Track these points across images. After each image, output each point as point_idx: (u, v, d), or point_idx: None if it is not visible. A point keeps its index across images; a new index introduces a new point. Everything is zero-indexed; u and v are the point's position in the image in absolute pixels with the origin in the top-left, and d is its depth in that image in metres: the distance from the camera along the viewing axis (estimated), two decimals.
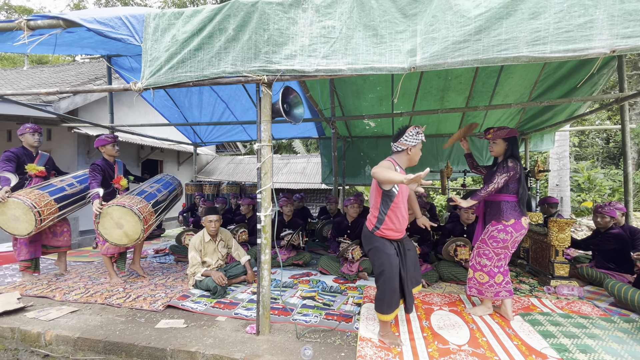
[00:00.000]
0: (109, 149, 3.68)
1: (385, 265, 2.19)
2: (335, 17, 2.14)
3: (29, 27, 2.59)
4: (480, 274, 2.66)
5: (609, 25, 1.79)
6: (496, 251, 2.58)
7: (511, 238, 2.53)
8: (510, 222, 2.53)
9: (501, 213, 2.58)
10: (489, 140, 2.73)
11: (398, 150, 2.31)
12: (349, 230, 4.27)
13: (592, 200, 9.57)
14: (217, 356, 2.14)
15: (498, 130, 2.66)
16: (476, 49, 1.93)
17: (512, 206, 2.57)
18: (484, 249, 2.64)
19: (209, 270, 3.34)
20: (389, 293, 2.18)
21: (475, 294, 2.72)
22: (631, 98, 3.91)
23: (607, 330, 2.44)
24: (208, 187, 7.15)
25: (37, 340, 2.48)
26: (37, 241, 3.67)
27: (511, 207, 2.57)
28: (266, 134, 2.39)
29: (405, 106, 5.54)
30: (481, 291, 2.67)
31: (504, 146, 2.66)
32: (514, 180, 2.58)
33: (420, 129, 2.26)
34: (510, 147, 2.64)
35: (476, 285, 2.69)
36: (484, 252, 2.63)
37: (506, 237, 2.54)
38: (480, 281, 2.66)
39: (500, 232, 2.55)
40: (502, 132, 2.65)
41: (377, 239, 2.28)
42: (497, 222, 2.58)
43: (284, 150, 18.09)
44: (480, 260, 2.66)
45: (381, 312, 2.22)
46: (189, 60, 2.36)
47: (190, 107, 6.24)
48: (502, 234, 2.54)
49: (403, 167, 2.30)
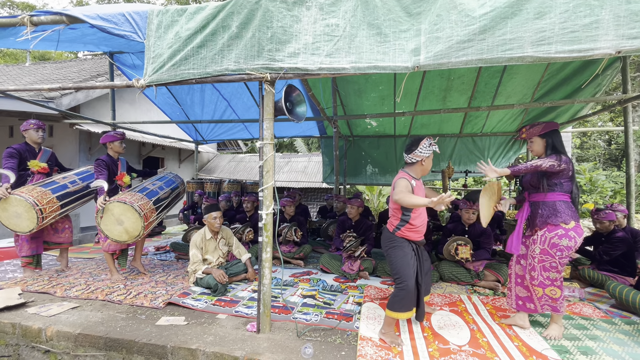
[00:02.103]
0: (116, 146, 3.69)
1: (404, 264, 2.22)
2: (339, 15, 2.13)
3: (32, 22, 2.58)
4: (552, 289, 2.31)
5: (615, 25, 1.78)
6: (562, 261, 2.25)
7: (575, 244, 2.21)
8: (571, 224, 2.22)
9: (558, 214, 2.24)
10: (524, 139, 2.51)
11: (412, 162, 2.32)
12: (352, 229, 4.27)
13: (593, 202, 9.55)
14: (217, 354, 2.14)
15: (531, 128, 2.40)
16: (480, 48, 1.93)
17: (569, 206, 2.27)
18: (550, 261, 2.27)
19: (210, 268, 3.34)
20: (406, 292, 2.19)
21: (549, 311, 2.37)
22: (635, 100, 3.89)
23: (608, 332, 2.43)
24: (209, 185, 7.15)
25: (38, 336, 2.49)
26: (38, 237, 3.67)
27: (568, 207, 2.26)
28: (269, 132, 2.38)
29: (408, 106, 5.53)
30: (555, 308, 2.32)
31: (543, 143, 2.38)
32: (566, 178, 2.28)
33: (433, 140, 2.29)
34: (552, 143, 2.34)
35: (549, 302, 2.34)
36: (551, 264, 2.26)
37: (569, 243, 2.20)
38: (553, 297, 2.31)
39: (562, 239, 2.21)
40: (537, 128, 2.38)
41: (398, 239, 2.31)
42: (555, 226, 2.25)
43: (285, 149, 18.10)
44: (549, 275, 2.29)
45: (392, 310, 2.23)
46: (192, 57, 2.36)
47: (192, 105, 6.23)
48: (565, 240, 2.21)
49: (417, 177, 2.33)
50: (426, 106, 5.50)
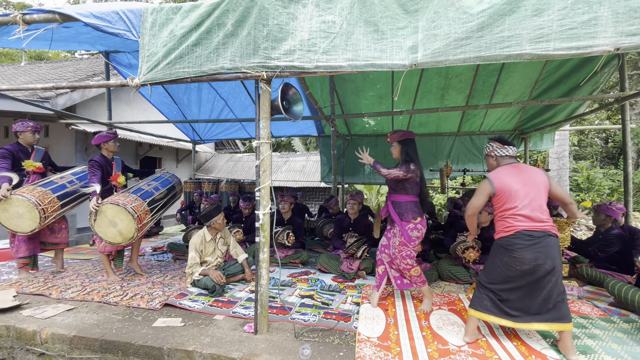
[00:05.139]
0: (111, 145, 3.65)
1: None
2: (335, 12, 2.11)
3: (25, 21, 2.55)
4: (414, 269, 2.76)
5: (614, 22, 1.76)
6: (415, 249, 2.74)
7: (421, 234, 2.71)
8: (418, 220, 2.69)
9: (409, 212, 2.70)
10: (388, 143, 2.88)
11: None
12: (351, 228, 4.26)
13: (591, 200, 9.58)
14: (214, 355, 2.12)
15: (394, 134, 2.82)
16: (478, 46, 1.91)
17: (417, 205, 2.73)
18: (406, 250, 2.73)
19: (208, 269, 3.31)
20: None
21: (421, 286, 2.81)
22: (632, 98, 3.89)
23: (606, 331, 2.43)
24: (207, 185, 7.12)
25: (33, 339, 2.46)
26: (35, 238, 3.64)
27: (416, 206, 2.73)
28: (265, 131, 2.36)
29: (405, 104, 5.52)
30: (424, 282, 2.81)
31: (400, 149, 2.80)
32: (414, 183, 2.73)
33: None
34: (406, 150, 2.76)
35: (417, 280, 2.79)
36: (407, 252, 2.73)
37: (418, 234, 2.70)
38: (416, 275, 2.78)
39: (413, 231, 2.69)
40: (397, 135, 2.81)
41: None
42: (407, 222, 2.70)
43: (283, 149, 18.06)
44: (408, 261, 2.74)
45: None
46: (187, 55, 2.33)
47: (189, 104, 6.20)
48: (415, 232, 2.69)
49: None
50: (424, 105, 5.49)
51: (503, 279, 2.13)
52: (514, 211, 2.09)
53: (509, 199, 2.12)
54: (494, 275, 2.17)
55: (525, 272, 2.04)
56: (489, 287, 2.18)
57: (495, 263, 2.18)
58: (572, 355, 2.05)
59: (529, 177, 2.15)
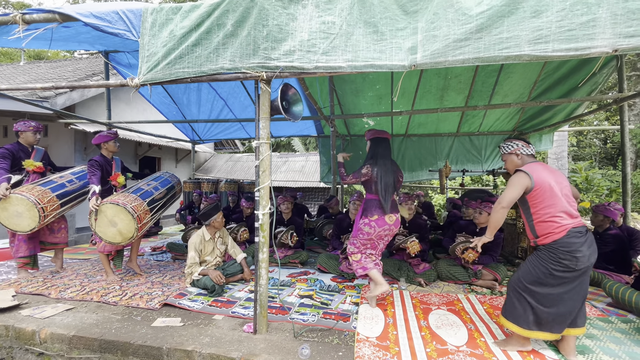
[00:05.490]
0: (111, 145, 3.65)
1: None
2: (335, 13, 2.12)
3: (24, 20, 2.55)
4: (354, 256, 2.95)
5: (612, 24, 1.77)
6: (362, 241, 2.90)
7: (374, 232, 2.82)
8: (374, 217, 2.80)
9: (368, 209, 2.85)
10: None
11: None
12: (350, 228, 4.25)
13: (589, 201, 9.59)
14: (213, 355, 2.12)
15: (368, 132, 2.98)
16: (477, 47, 1.91)
17: (376, 204, 2.83)
18: (353, 239, 2.94)
19: (207, 269, 3.32)
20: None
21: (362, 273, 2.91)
22: (631, 99, 3.90)
23: (604, 331, 2.44)
24: (206, 185, 7.12)
25: (32, 339, 2.46)
26: (35, 238, 3.64)
27: (376, 204, 2.83)
28: (265, 131, 2.36)
29: (405, 105, 5.53)
30: (364, 268, 2.90)
31: (368, 147, 2.98)
32: (373, 183, 2.84)
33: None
34: (373, 149, 2.91)
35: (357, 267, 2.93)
36: (353, 241, 2.95)
37: (370, 230, 2.82)
38: (356, 261, 2.95)
39: (365, 226, 2.84)
40: (369, 133, 2.97)
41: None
42: (364, 217, 2.85)
43: (282, 149, 18.06)
44: (352, 249, 2.95)
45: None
46: (187, 56, 2.33)
47: (189, 104, 6.19)
48: (367, 228, 2.83)
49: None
50: (423, 105, 5.50)
51: (559, 283, 1.97)
52: (559, 209, 1.98)
53: (549, 196, 2.00)
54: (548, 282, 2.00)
55: (582, 272, 1.95)
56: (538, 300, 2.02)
57: (547, 270, 1.98)
58: (573, 357, 2.04)
59: (555, 173, 2.11)
